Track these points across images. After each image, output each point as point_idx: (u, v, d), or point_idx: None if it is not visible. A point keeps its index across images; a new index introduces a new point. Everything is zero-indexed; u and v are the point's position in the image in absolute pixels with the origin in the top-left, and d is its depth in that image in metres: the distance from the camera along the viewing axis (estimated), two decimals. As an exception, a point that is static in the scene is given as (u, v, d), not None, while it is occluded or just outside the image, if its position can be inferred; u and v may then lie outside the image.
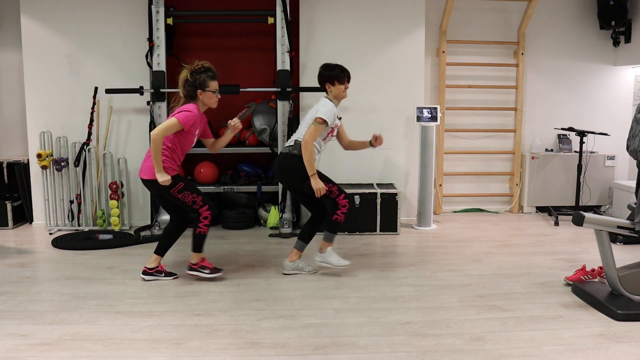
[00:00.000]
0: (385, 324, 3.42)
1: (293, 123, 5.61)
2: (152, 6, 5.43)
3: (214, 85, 3.99)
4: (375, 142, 4.35)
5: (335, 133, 4.28)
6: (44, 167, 5.57)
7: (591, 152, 6.37)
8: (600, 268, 3.99)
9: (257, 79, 5.87)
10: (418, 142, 5.83)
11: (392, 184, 5.83)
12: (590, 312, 3.60)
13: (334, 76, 4.15)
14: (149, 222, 5.76)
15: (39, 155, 5.53)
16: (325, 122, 4.04)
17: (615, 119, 6.54)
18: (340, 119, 4.26)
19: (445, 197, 6.55)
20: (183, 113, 3.91)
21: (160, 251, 4.21)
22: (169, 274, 4.20)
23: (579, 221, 3.52)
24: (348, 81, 4.19)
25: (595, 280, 4.02)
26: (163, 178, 3.86)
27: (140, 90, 5.49)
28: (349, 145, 4.50)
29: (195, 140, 4.10)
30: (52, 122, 5.69)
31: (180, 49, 5.99)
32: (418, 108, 5.78)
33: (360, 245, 5.17)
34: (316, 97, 5.72)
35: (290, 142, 4.23)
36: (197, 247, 4.10)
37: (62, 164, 5.61)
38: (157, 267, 4.19)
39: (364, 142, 4.44)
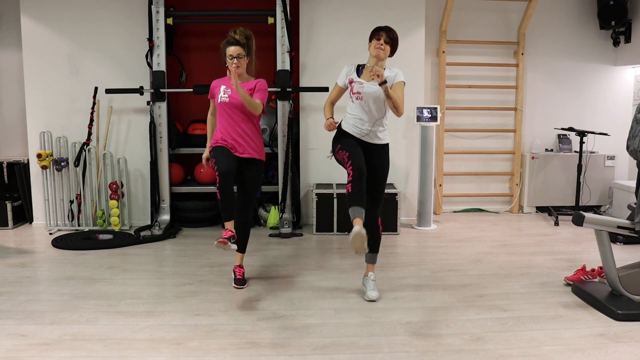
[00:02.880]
0: (385, 324, 3.42)
1: (293, 123, 5.61)
2: (152, 6, 5.44)
3: (228, 51, 3.86)
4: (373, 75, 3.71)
5: (357, 95, 3.77)
6: (44, 167, 5.57)
7: (591, 152, 6.37)
8: (600, 268, 3.99)
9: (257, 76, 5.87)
10: (418, 142, 5.83)
11: (392, 184, 5.83)
12: (590, 312, 3.60)
13: (369, 37, 3.85)
14: (149, 222, 5.76)
15: (39, 155, 5.53)
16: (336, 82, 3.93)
17: (615, 119, 6.54)
18: (384, 83, 3.65)
19: (445, 197, 6.55)
20: None
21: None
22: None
23: (579, 221, 3.52)
24: (378, 37, 3.75)
25: (595, 280, 4.02)
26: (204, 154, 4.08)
27: (140, 90, 5.49)
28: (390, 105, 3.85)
29: (224, 107, 3.91)
30: (52, 122, 5.69)
31: (180, 49, 6.00)
32: (418, 108, 5.78)
33: (360, 245, 5.16)
34: (316, 97, 5.77)
35: None
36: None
37: (62, 164, 5.61)
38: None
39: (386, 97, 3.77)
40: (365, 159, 3.76)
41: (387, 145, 3.90)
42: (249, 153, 3.94)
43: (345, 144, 3.78)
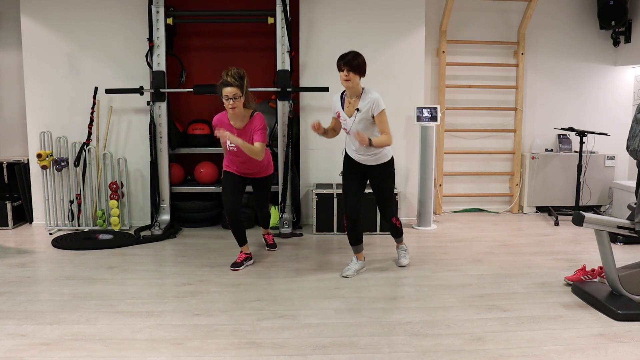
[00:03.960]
0: (385, 324, 3.43)
1: (293, 123, 5.62)
2: (152, 6, 5.43)
3: (224, 92, 4.13)
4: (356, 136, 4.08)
5: (343, 124, 4.13)
6: (44, 167, 5.57)
7: (591, 152, 6.37)
8: (600, 268, 3.99)
9: (257, 79, 5.87)
10: (418, 142, 5.83)
11: (392, 184, 5.83)
12: (590, 312, 3.60)
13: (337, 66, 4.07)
14: (149, 222, 5.77)
15: (39, 155, 5.53)
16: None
17: (615, 119, 6.54)
18: (358, 110, 4.04)
19: (445, 197, 6.55)
20: None
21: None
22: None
23: (579, 221, 3.52)
24: (341, 69, 3.98)
25: (595, 280, 4.02)
26: None
27: (140, 90, 5.49)
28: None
29: (233, 153, 4.34)
30: (52, 122, 5.69)
31: (180, 49, 6.00)
32: (418, 108, 5.79)
33: (360, 245, 5.17)
34: (316, 97, 5.77)
35: None
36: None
37: (62, 164, 5.61)
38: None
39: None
40: (367, 178, 4.29)
41: (384, 164, 4.22)
42: (258, 175, 4.51)
43: (345, 183, 4.31)
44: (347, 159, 4.30)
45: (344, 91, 4.20)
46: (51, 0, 5.59)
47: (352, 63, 3.98)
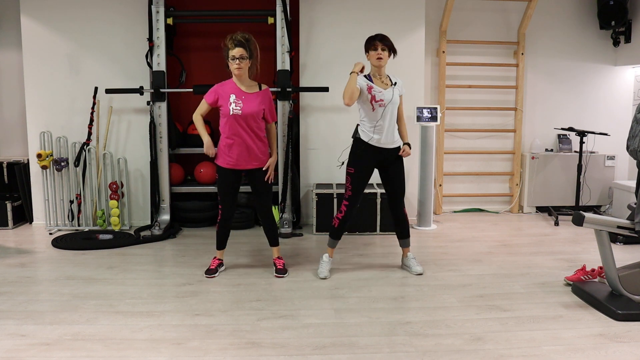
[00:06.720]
0: (385, 324, 3.43)
1: (293, 123, 5.62)
2: (152, 6, 5.43)
3: (231, 53, 4.01)
4: (402, 153, 4.22)
5: (380, 102, 4.03)
6: (44, 167, 5.57)
7: (591, 152, 6.37)
8: (600, 268, 3.99)
9: (257, 79, 5.86)
10: (418, 142, 5.83)
11: (392, 184, 5.83)
12: (590, 312, 3.60)
13: (365, 48, 4.14)
14: (149, 222, 5.77)
15: (39, 155, 5.53)
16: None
17: (615, 119, 6.54)
18: (395, 84, 4.13)
19: (445, 197, 6.55)
20: None
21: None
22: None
23: (579, 221, 3.53)
24: (375, 48, 4.02)
25: (595, 280, 4.02)
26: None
27: (140, 90, 5.49)
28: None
29: (236, 119, 4.07)
30: (52, 122, 5.69)
31: (180, 49, 6.00)
32: (418, 108, 5.79)
33: (360, 245, 5.17)
34: (316, 97, 5.77)
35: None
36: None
37: (62, 164, 5.61)
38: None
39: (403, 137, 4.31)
40: (381, 168, 4.21)
41: (399, 147, 4.22)
42: (253, 165, 4.16)
43: (356, 175, 4.13)
44: (365, 150, 4.11)
45: (365, 75, 4.13)
46: (51, 0, 5.59)
47: (385, 42, 4.05)
